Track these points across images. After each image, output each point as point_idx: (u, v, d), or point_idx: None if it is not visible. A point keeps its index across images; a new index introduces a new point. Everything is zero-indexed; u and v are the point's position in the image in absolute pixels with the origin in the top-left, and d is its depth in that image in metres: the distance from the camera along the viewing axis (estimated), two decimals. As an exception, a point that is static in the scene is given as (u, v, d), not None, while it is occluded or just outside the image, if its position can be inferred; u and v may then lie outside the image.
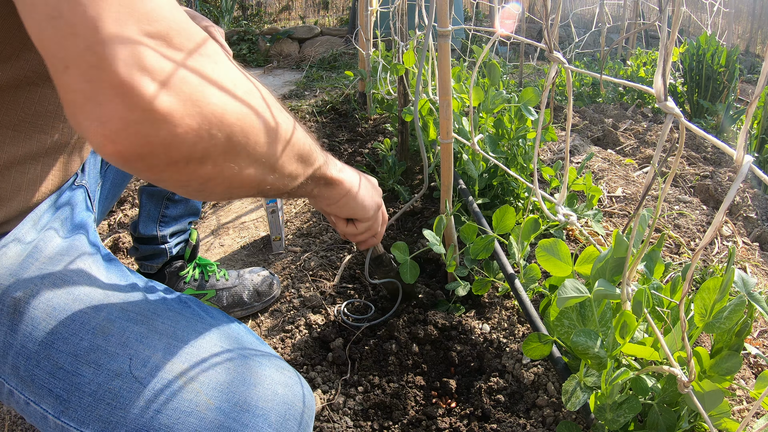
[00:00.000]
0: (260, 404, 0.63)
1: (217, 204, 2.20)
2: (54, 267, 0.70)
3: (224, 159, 0.48)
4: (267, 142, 0.52)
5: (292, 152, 0.58)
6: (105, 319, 0.65)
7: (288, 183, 0.61)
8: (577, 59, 5.02)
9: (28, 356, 0.63)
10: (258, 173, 0.53)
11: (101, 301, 0.67)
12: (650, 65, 3.82)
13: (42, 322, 0.64)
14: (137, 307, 0.68)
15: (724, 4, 4.35)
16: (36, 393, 0.63)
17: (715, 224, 0.52)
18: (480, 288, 1.33)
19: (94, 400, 0.60)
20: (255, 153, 0.51)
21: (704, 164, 2.54)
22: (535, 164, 0.92)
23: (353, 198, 0.78)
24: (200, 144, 0.45)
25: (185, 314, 0.71)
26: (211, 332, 0.70)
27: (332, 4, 6.92)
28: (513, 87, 3.37)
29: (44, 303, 0.65)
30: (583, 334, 0.78)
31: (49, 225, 0.77)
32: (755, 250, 1.75)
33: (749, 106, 0.50)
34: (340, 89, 3.55)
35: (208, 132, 0.45)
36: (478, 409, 1.09)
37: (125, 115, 0.40)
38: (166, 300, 0.73)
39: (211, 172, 0.48)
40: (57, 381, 0.62)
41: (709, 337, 1.26)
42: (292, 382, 0.70)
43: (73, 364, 0.62)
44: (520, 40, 1.04)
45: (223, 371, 0.65)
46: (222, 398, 0.62)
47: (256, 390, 0.64)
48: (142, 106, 0.41)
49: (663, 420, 0.81)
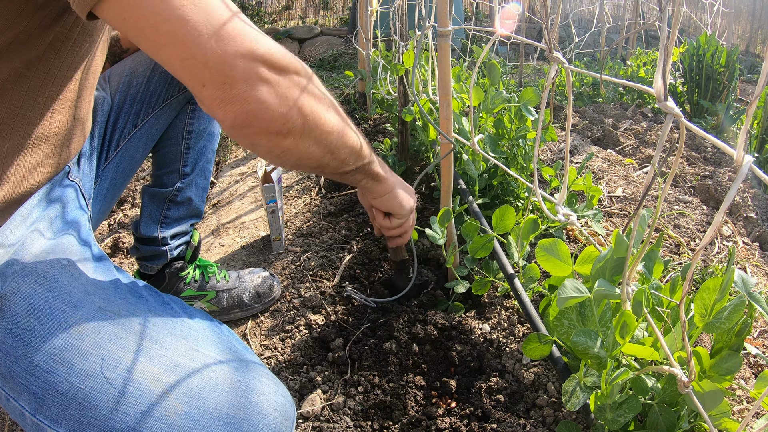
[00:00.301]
0: (232, 413, 0.62)
1: (218, 204, 2.20)
2: (38, 265, 0.70)
3: (300, 136, 0.71)
4: (328, 131, 0.75)
5: (345, 144, 0.80)
6: (82, 318, 0.65)
7: (340, 166, 0.83)
8: (577, 59, 5.02)
9: (8, 352, 0.63)
10: (320, 152, 0.76)
11: (81, 299, 0.67)
12: (650, 65, 3.82)
13: (21, 319, 0.64)
14: (116, 308, 0.68)
15: (724, 4, 4.35)
16: (14, 389, 0.63)
17: (715, 224, 0.52)
18: (480, 288, 1.33)
19: (66, 400, 0.61)
20: (320, 137, 0.75)
21: (704, 164, 2.54)
22: (535, 164, 0.92)
23: (394, 196, 1.02)
24: (287, 124, 0.68)
25: (164, 316, 0.71)
26: (189, 335, 0.69)
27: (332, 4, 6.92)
28: (513, 87, 3.37)
29: (25, 300, 0.65)
30: (583, 334, 0.78)
31: (37, 223, 0.77)
32: (755, 250, 1.75)
33: (749, 106, 0.50)
34: (340, 89, 3.55)
35: (291, 117, 0.68)
36: (478, 409, 1.09)
37: (246, 108, 0.64)
38: (147, 301, 0.73)
39: (290, 144, 0.71)
40: (33, 378, 0.62)
41: (709, 337, 1.26)
42: (270, 390, 0.68)
43: (48, 363, 0.62)
44: (520, 40, 1.04)
45: (196, 376, 0.64)
46: (192, 404, 0.62)
47: (229, 397, 0.64)
48: (256, 102, 0.64)
49: (663, 420, 0.81)
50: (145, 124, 1.19)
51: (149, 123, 1.20)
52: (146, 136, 1.20)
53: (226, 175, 2.48)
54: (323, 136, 0.75)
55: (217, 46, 0.61)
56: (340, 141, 0.79)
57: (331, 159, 0.80)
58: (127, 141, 1.16)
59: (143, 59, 1.20)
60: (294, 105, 0.68)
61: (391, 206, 1.04)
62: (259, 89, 0.64)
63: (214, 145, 1.40)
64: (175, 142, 1.29)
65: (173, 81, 1.21)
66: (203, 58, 0.61)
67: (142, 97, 1.17)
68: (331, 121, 0.76)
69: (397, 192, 1.02)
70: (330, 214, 1.95)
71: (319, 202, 2.05)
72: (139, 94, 1.17)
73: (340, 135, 0.78)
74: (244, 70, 0.62)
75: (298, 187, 2.22)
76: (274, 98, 0.66)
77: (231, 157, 2.71)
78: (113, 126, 1.14)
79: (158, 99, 1.20)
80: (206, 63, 0.61)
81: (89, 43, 0.81)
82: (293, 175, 2.34)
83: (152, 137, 1.23)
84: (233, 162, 2.64)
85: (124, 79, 1.16)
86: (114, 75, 1.17)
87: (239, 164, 2.59)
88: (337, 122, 0.78)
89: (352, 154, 0.83)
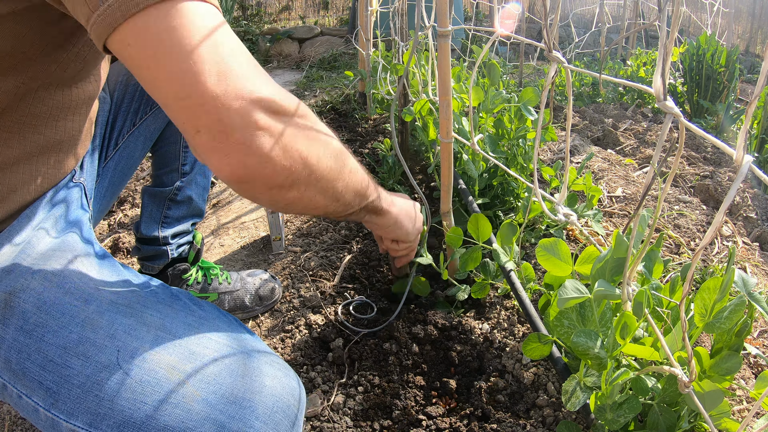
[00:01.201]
0: (248, 396, 0.63)
1: (218, 204, 2.20)
2: (45, 263, 0.70)
3: (304, 189, 0.66)
4: (335, 178, 0.71)
5: (350, 189, 0.77)
6: (94, 311, 0.66)
7: (345, 209, 0.80)
8: (577, 59, 5.02)
9: (19, 349, 0.63)
10: (325, 201, 0.72)
11: (91, 294, 0.68)
12: (650, 65, 3.82)
13: (33, 315, 0.64)
14: (127, 300, 0.69)
15: (724, 4, 4.35)
16: (27, 386, 0.63)
17: (715, 224, 0.52)
18: (479, 291, 1.33)
19: (83, 392, 0.61)
20: (326, 186, 0.70)
21: (704, 164, 2.54)
22: (535, 164, 0.92)
23: (399, 226, 1.00)
24: (290, 177, 0.63)
25: (175, 307, 0.71)
26: (201, 325, 0.70)
27: (332, 4, 6.92)
28: (513, 87, 3.37)
29: (35, 297, 0.66)
30: (583, 335, 0.78)
31: (42, 223, 0.77)
32: (755, 250, 1.75)
33: (749, 106, 0.50)
34: (340, 89, 3.55)
35: (296, 169, 0.63)
36: (478, 409, 1.09)
37: (243, 160, 0.58)
38: (157, 293, 0.73)
39: (295, 196, 0.66)
40: (47, 373, 0.62)
41: (709, 337, 1.26)
42: (282, 374, 0.69)
43: (62, 357, 0.62)
44: (520, 40, 1.04)
45: (211, 363, 0.65)
46: (209, 390, 0.62)
47: (244, 382, 0.64)
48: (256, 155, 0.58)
49: (663, 420, 0.81)
50: (144, 122, 1.19)
51: (148, 121, 1.19)
52: (145, 134, 1.20)
53: (226, 175, 2.48)
54: (330, 184, 0.71)
55: (217, 88, 0.55)
56: (345, 186, 0.75)
57: (337, 205, 0.76)
58: (126, 139, 1.16)
59: None
60: (299, 156, 0.63)
61: (396, 235, 1.05)
62: (260, 140, 0.58)
63: None
64: (174, 140, 1.29)
65: None
66: (200, 100, 0.55)
67: (141, 94, 1.17)
68: (337, 167, 0.71)
69: (401, 222, 1.01)
70: (330, 214, 1.94)
71: (319, 202, 2.05)
72: (138, 92, 1.17)
73: (346, 180, 0.75)
74: (244, 117, 0.56)
75: (298, 187, 2.21)
76: (277, 149, 0.60)
77: (231, 157, 2.71)
78: (112, 124, 1.14)
79: None
80: (203, 105, 0.55)
81: (99, 53, 0.81)
82: (293, 175, 2.34)
83: (151, 135, 1.23)
84: (233, 162, 2.64)
85: (122, 77, 1.16)
86: (113, 73, 1.17)
87: (239, 164, 2.59)
88: (343, 165, 0.73)
89: (357, 197, 0.80)
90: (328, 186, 0.70)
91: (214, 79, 0.55)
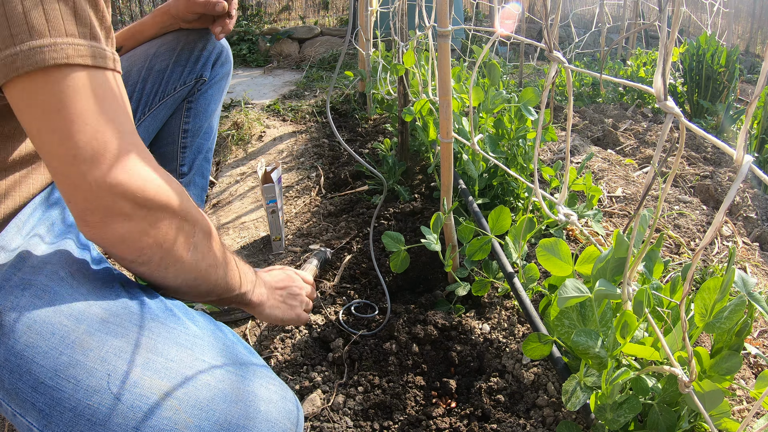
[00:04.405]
0: (242, 423, 0.63)
1: (218, 204, 2.20)
2: (37, 276, 0.69)
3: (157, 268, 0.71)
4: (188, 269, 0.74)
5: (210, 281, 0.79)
6: (85, 332, 0.65)
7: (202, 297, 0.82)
8: (577, 59, 5.02)
9: (11, 369, 0.62)
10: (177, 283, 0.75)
11: (82, 312, 0.67)
12: (650, 65, 3.82)
13: (23, 335, 0.63)
14: (118, 319, 0.68)
15: (724, 4, 4.35)
16: (21, 406, 0.62)
17: (715, 224, 0.52)
18: (479, 289, 1.33)
19: (75, 416, 0.60)
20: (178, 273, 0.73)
21: (704, 164, 2.54)
22: (535, 164, 0.92)
23: (269, 316, 1.01)
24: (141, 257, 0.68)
25: (168, 325, 0.70)
26: (195, 345, 0.69)
27: (332, 4, 6.92)
28: (513, 87, 3.37)
29: (25, 316, 0.65)
30: (583, 334, 0.78)
31: (34, 230, 0.76)
32: (755, 250, 1.75)
33: (749, 106, 0.50)
34: (340, 89, 3.55)
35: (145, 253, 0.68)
36: (478, 409, 1.09)
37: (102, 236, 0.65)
38: (150, 309, 0.72)
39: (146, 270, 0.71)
40: (39, 396, 0.61)
41: (709, 337, 1.26)
42: (277, 397, 0.68)
43: (53, 379, 0.61)
44: (520, 40, 1.04)
45: (203, 387, 0.64)
46: (202, 417, 0.62)
47: (238, 408, 0.64)
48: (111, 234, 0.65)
49: (663, 420, 0.81)
50: (141, 123, 1.18)
51: (145, 123, 1.19)
52: (142, 135, 1.20)
53: (226, 175, 2.48)
54: (182, 273, 0.74)
55: (89, 172, 0.61)
56: (203, 280, 0.77)
57: (190, 289, 0.78)
58: None
59: (138, 59, 1.20)
60: (154, 242, 0.67)
61: (269, 321, 1.05)
62: (115, 225, 0.64)
63: (212, 143, 1.40)
64: (171, 141, 1.29)
65: (169, 80, 1.20)
66: (75, 181, 0.61)
67: (138, 96, 1.17)
68: (194, 260, 0.74)
69: (273, 312, 1.01)
70: (330, 214, 1.95)
71: (319, 202, 2.05)
72: (135, 93, 1.17)
73: (204, 275, 0.77)
74: (108, 203, 0.63)
75: (298, 187, 2.22)
76: (133, 233, 0.65)
77: (231, 157, 2.71)
78: None
79: (154, 98, 1.20)
80: (75, 184, 0.61)
81: None
82: (293, 176, 2.34)
83: (148, 137, 1.23)
84: (233, 162, 2.64)
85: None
86: None
87: (239, 164, 2.59)
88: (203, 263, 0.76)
89: (216, 290, 0.82)
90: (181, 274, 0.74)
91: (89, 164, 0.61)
